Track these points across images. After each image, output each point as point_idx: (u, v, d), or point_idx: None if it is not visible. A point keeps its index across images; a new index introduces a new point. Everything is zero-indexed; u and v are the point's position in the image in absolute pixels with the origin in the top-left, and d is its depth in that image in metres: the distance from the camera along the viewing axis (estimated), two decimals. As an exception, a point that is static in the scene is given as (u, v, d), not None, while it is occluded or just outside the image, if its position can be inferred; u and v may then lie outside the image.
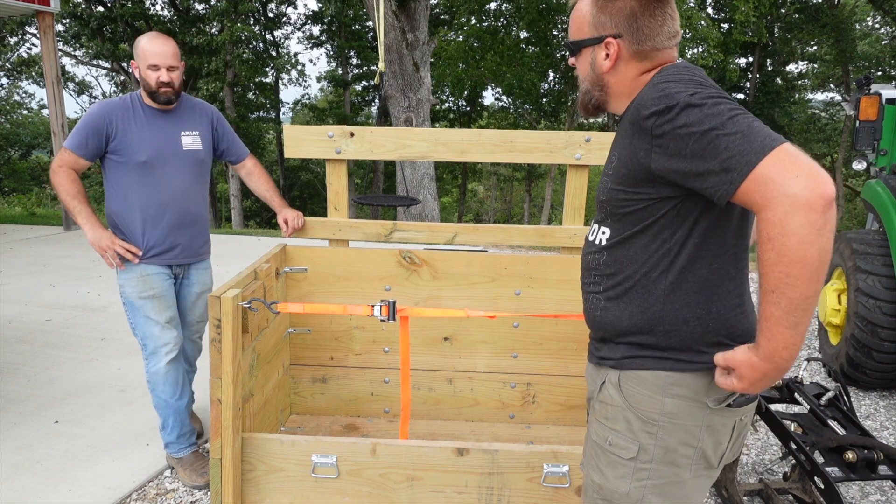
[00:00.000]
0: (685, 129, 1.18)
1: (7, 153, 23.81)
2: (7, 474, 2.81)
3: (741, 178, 1.11)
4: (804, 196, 1.05)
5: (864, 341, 3.61)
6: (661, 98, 1.23)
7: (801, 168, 1.06)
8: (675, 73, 1.30)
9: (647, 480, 1.40)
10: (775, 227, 1.08)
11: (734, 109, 1.16)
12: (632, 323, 1.38)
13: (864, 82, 4.16)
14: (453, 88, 21.83)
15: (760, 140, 1.10)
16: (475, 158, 2.85)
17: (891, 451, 2.45)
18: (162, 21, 18.02)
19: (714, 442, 1.39)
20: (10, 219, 10.16)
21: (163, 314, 2.72)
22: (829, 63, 19.71)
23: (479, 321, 2.93)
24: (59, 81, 8.40)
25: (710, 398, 1.35)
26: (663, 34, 1.36)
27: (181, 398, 2.78)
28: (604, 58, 1.39)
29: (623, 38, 1.36)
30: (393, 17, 9.19)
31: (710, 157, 1.14)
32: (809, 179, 1.05)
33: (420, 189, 9.84)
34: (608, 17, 1.37)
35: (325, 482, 2.11)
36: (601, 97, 1.44)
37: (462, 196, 26.85)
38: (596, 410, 1.50)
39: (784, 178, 1.07)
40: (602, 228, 1.44)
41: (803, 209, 1.05)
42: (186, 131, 2.75)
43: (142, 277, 2.69)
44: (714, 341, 1.34)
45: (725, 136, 1.13)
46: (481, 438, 2.90)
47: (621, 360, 1.41)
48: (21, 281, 5.88)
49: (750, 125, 1.12)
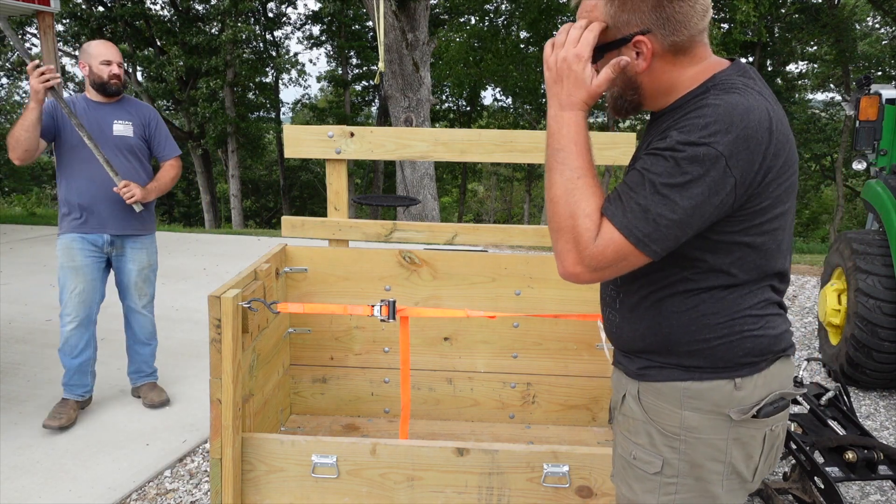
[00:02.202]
0: (657, 154, 1.17)
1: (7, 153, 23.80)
2: (7, 474, 2.81)
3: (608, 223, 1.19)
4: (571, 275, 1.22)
5: (864, 341, 3.61)
6: (686, 129, 1.16)
7: (588, 261, 1.19)
8: (724, 111, 1.15)
9: (676, 495, 1.35)
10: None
11: (680, 191, 1.14)
12: (645, 344, 1.34)
13: (864, 82, 4.16)
14: (453, 88, 21.84)
15: (638, 223, 1.16)
16: (475, 158, 2.85)
17: (891, 451, 2.45)
18: (162, 21, 18.01)
19: (745, 455, 1.32)
20: (10, 219, 10.16)
21: (76, 286, 3.14)
22: (829, 63, 19.70)
23: (479, 321, 2.93)
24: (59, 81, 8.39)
25: (732, 409, 1.28)
26: (696, 15, 1.21)
27: (75, 358, 3.21)
28: (635, 57, 1.24)
29: (654, 33, 1.21)
30: (393, 17, 9.19)
31: (637, 187, 1.17)
32: (581, 274, 1.21)
33: (420, 189, 9.84)
34: (631, 14, 1.22)
35: (325, 482, 2.11)
36: (635, 98, 1.31)
37: (462, 196, 26.85)
38: (619, 423, 1.46)
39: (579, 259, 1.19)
40: None
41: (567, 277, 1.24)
42: (119, 120, 3.21)
43: (65, 249, 3.14)
44: (736, 359, 1.28)
45: (649, 194, 1.15)
46: (481, 438, 2.90)
47: (639, 370, 1.37)
48: (21, 281, 5.87)
49: (649, 206, 1.15)
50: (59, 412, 3.20)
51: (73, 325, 3.17)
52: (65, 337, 3.19)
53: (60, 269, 3.16)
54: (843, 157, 18.46)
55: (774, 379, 1.30)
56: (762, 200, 1.19)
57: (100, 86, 3.16)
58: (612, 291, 1.42)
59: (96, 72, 3.13)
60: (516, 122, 22.42)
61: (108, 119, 3.19)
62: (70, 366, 3.23)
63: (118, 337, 4.45)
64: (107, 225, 3.18)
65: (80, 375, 3.26)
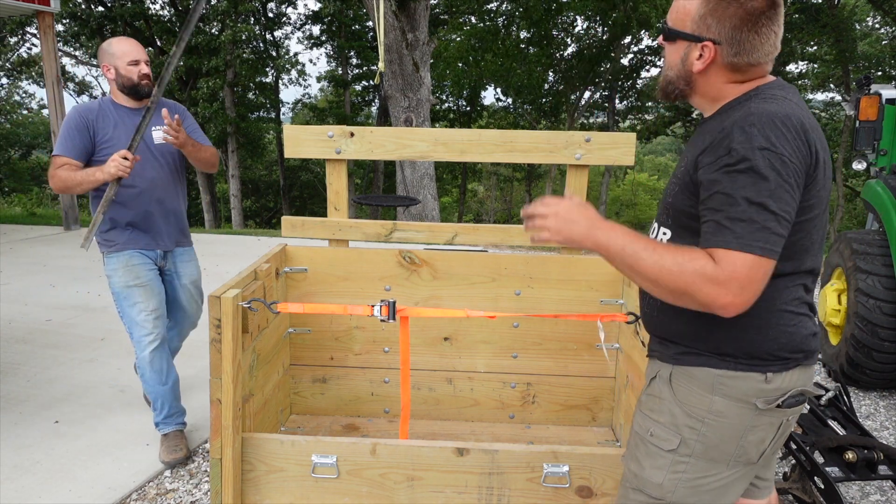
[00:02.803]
0: (727, 177, 1.27)
1: (7, 153, 23.80)
2: (7, 474, 2.81)
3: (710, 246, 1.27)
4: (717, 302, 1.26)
5: (864, 341, 3.61)
6: (745, 140, 1.27)
7: (730, 288, 1.23)
8: (767, 118, 1.28)
9: (683, 474, 1.45)
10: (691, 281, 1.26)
11: (761, 193, 1.24)
12: (687, 329, 1.42)
13: (864, 82, 4.16)
14: (453, 88, 21.83)
15: (751, 238, 1.23)
16: (475, 158, 2.85)
17: (891, 451, 2.45)
18: (162, 21, 18.01)
19: (758, 440, 1.42)
20: (10, 219, 10.16)
21: (147, 303, 2.85)
22: (829, 63, 19.69)
23: (478, 321, 2.93)
24: (59, 81, 8.40)
25: (759, 399, 1.38)
26: (763, 51, 1.37)
27: (165, 383, 2.92)
28: (697, 57, 1.39)
29: (722, 46, 1.36)
30: (393, 17, 9.19)
31: (732, 208, 1.25)
32: (728, 296, 1.24)
33: (420, 189, 9.84)
34: (714, 21, 1.36)
35: (325, 482, 2.11)
36: (686, 90, 1.45)
37: (462, 196, 26.84)
38: (642, 403, 1.55)
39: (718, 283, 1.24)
40: (663, 230, 1.49)
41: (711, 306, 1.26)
42: (157, 126, 2.89)
43: (126, 266, 2.84)
44: (770, 351, 1.37)
45: (746, 208, 1.24)
46: (481, 438, 2.90)
47: (675, 355, 1.45)
48: (21, 281, 5.87)
49: (751, 217, 1.23)
50: (173, 445, 2.91)
51: (156, 345, 2.86)
52: (148, 361, 2.85)
53: (123, 288, 2.83)
54: (843, 157, 18.45)
55: (800, 378, 1.41)
56: (808, 199, 1.32)
57: (131, 89, 2.84)
58: None
59: (125, 74, 2.81)
60: (516, 122, 22.41)
61: (149, 128, 2.89)
62: (162, 393, 2.91)
63: (118, 337, 4.45)
64: (159, 239, 2.94)
65: (175, 401, 2.98)
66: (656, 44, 1.64)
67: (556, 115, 21.67)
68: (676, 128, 22.18)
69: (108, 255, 2.88)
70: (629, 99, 21.56)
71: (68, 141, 2.76)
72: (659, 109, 21.79)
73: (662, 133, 22.22)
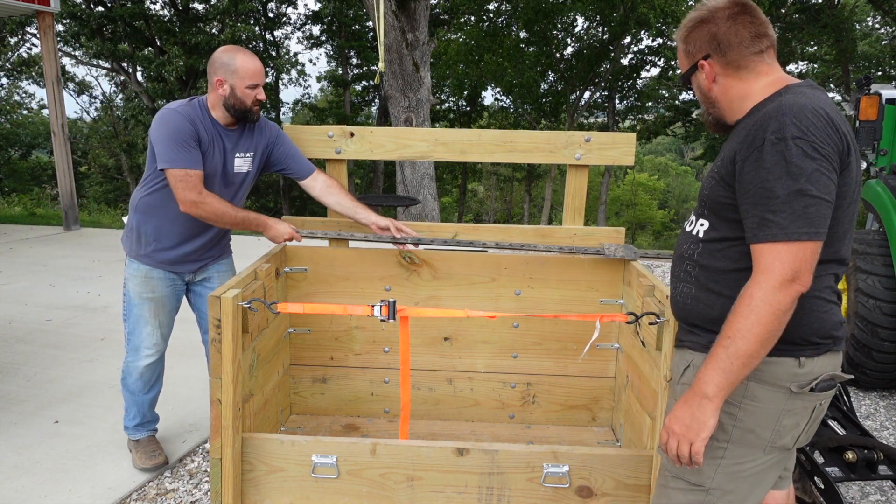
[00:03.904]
0: (764, 171, 1.34)
1: (7, 153, 23.80)
2: (7, 474, 2.81)
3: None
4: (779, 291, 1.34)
5: (864, 341, 3.61)
6: (778, 129, 1.35)
7: (788, 279, 1.32)
8: (797, 109, 1.36)
9: (722, 460, 1.51)
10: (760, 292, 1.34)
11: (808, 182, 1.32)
12: (723, 312, 1.46)
13: (864, 82, 4.16)
14: (453, 88, 21.83)
15: (794, 226, 1.32)
16: (475, 158, 2.85)
17: (891, 451, 2.45)
18: (162, 21, 18.00)
19: (792, 424, 1.48)
20: (10, 219, 10.16)
21: (156, 318, 2.74)
22: (829, 63, 19.69)
23: (479, 321, 2.93)
24: (59, 81, 8.40)
25: (793, 383, 1.45)
26: (749, 38, 1.49)
27: (147, 393, 2.85)
28: (703, 79, 1.57)
29: (712, 56, 1.53)
30: (393, 17, 9.18)
31: (771, 200, 1.33)
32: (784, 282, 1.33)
33: (420, 189, 9.84)
34: (695, 45, 1.55)
35: (325, 482, 2.11)
36: (716, 112, 1.59)
37: (462, 196, 26.84)
38: (677, 392, 1.61)
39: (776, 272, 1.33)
40: (701, 221, 1.55)
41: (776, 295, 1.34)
42: (241, 153, 2.66)
43: (146, 279, 2.70)
44: (804, 336, 1.44)
45: (786, 197, 1.32)
46: (481, 438, 2.90)
47: (709, 344, 1.48)
48: (21, 281, 5.87)
49: (792, 205, 1.31)
50: (150, 450, 2.86)
51: (154, 359, 2.77)
52: (139, 372, 2.76)
53: (135, 296, 2.70)
54: (843, 157, 18.40)
55: (830, 362, 1.49)
56: (842, 185, 1.38)
57: (239, 112, 2.54)
58: (687, 266, 1.57)
59: (240, 96, 2.50)
60: (516, 122, 22.40)
61: (231, 151, 2.63)
62: (142, 402, 2.85)
63: (118, 337, 4.45)
64: (191, 265, 2.76)
65: (151, 411, 2.92)
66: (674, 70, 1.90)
67: (556, 115, 21.66)
68: (676, 128, 22.18)
69: (132, 259, 2.71)
70: (629, 99, 21.56)
71: (187, 152, 2.46)
72: (659, 110, 21.80)
73: (662, 133, 22.22)
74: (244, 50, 2.55)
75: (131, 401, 2.85)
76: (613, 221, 27.50)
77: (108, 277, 5.99)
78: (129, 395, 2.84)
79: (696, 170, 39.17)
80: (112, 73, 21.30)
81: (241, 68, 2.48)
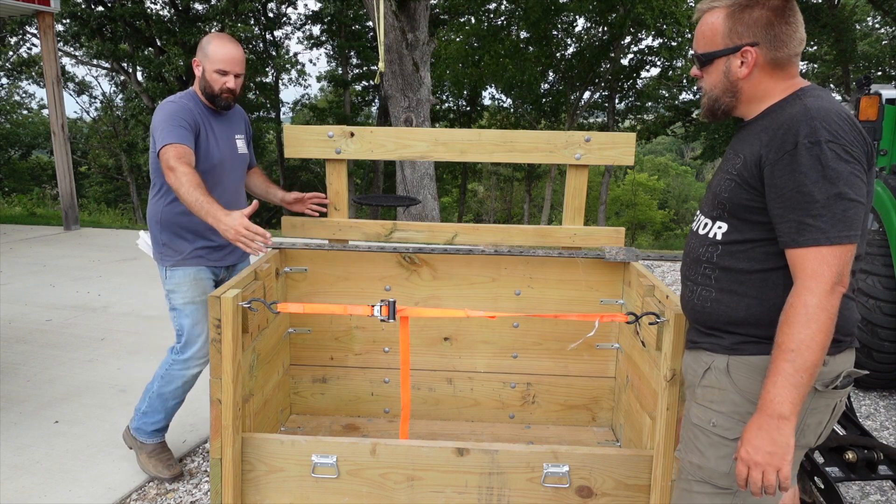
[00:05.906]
0: (800, 175, 1.34)
1: (7, 153, 23.82)
2: (7, 474, 2.81)
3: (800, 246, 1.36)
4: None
5: (864, 341, 3.60)
6: (810, 133, 1.35)
7: (833, 283, 1.33)
8: (825, 113, 1.36)
9: None
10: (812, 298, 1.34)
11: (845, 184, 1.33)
12: (749, 314, 1.46)
13: (864, 82, 4.16)
14: (453, 88, 21.82)
15: (834, 230, 1.33)
16: (475, 158, 2.85)
17: (891, 451, 2.45)
18: (162, 21, 18.00)
19: (816, 422, 1.49)
20: (10, 219, 10.15)
21: (206, 323, 2.65)
22: (829, 63, 19.69)
23: (479, 321, 2.93)
24: (59, 81, 8.41)
25: (818, 382, 1.44)
26: (796, 40, 1.46)
27: (181, 402, 2.81)
28: (739, 65, 1.48)
29: (760, 46, 1.46)
30: (393, 17, 9.18)
31: (810, 205, 1.33)
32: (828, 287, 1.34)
33: (420, 189, 9.84)
34: (744, 28, 1.46)
35: (325, 482, 2.11)
36: (731, 103, 1.54)
37: (462, 196, 26.84)
38: (698, 395, 1.58)
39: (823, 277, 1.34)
40: (718, 223, 1.53)
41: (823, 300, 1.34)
42: (238, 135, 2.77)
43: (195, 281, 2.65)
44: None
45: (824, 201, 1.32)
46: (481, 438, 2.90)
47: (733, 345, 1.49)
48: (21, 281, 5.87)
49: (832, 209, 1.32)
50: (165, 458, 2.83)
51: (203, 368, 2.73)
52: (184, 380, 2.71)
53: (188, 304, 2.64)
54: (843, 157, 18.40)
55: (848, 359, 1.50)
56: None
57: (209, 97, 2.60)
58: (706, 270, 1.55)
59: (208, 79, 2.56)
60: (516, 122, 22.40)
61: (231, 134, 2.72)
62: (171, 408, 2.80)
63: (118, 337, 4.46)
64: (229, 254, 2.75)
65: (170, 419, 2.86)
66: (693, 76, 1.71)
67: (556, 115, 21.65)
68: (676, 128, 22.16)
69: (173, 267, 2.62)
70: (629, 99, 21.55)
71: (180, 129, 2.45)
72: (659, 110, 21.78)
73: (662, 133, 22.20)
74: (226, 37, 2.60)
75: (160, 406, 2.77)
76: (613, 221, 27.48)
77: (109, 277, 6.00)
78: (160, 400, 2.75)
79: (696, 170, 39.16)
80: (112, 73, 21.32)
81: (212, 52, 2.55)
